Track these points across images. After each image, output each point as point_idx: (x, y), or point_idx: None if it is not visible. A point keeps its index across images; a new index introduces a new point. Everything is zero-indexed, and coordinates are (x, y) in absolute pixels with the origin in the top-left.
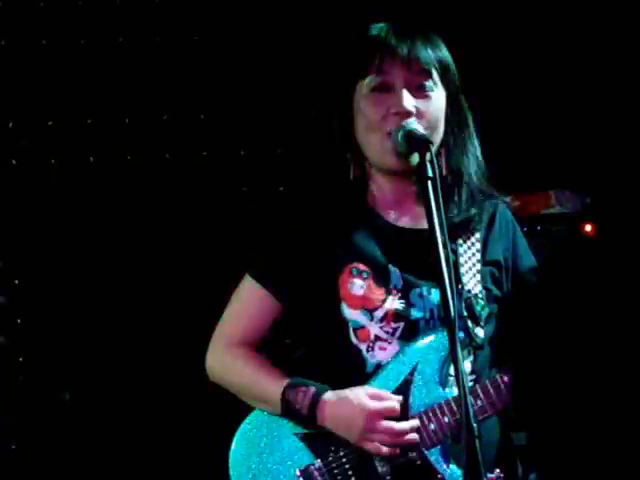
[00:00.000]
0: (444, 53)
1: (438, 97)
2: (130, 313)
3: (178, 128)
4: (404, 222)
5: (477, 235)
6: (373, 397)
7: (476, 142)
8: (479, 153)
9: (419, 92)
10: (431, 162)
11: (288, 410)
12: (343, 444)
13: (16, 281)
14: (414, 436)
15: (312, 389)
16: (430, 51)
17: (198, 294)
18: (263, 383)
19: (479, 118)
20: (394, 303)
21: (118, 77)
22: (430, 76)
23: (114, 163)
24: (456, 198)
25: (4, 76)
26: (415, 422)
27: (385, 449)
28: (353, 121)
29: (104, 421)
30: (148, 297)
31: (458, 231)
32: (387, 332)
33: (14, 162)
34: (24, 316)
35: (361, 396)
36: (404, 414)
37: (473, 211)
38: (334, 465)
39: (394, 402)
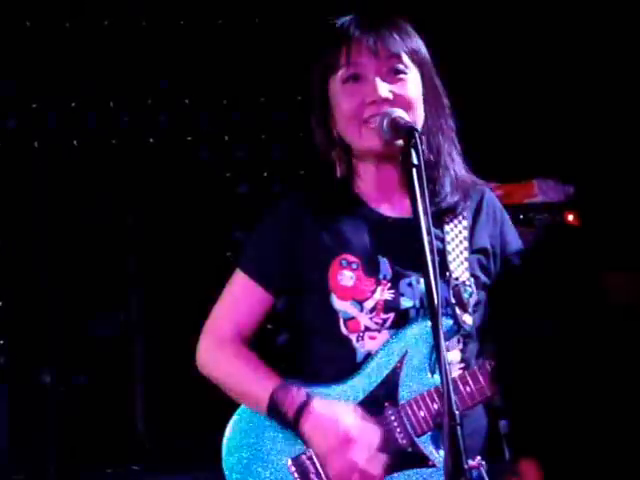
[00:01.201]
0: (412, 37)
1: (413, 79)
2: (113, 297)
3: (162, 112)
4: (391, 212)
5: (464, 223)
6: (357, 423)
7: (453, 125)
8: (455, 136)
9: (392, 76)
10: (416, 149)
11: (274, 412)
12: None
13: None
14: (377, 476)
15: (302, 393)
16: (397, 37)
17: (187, 282)
18: (251, 383)
19: (463, 108)
20: (384, 294)
21: (103, 61)
22: (400, 59)
23: (99, 147)
24: (438, 182)
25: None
26: (383, 459)
27: (344, 478)
28: (332, 116)
29: (84, 403)
30: (133, 281)
31: (444, 217)
32: (377, 323)
33: None
34: (4, 298)
35: (347, 416)
36: (394, 402)
37: (457, 197)
38: None
39: (375, 435)
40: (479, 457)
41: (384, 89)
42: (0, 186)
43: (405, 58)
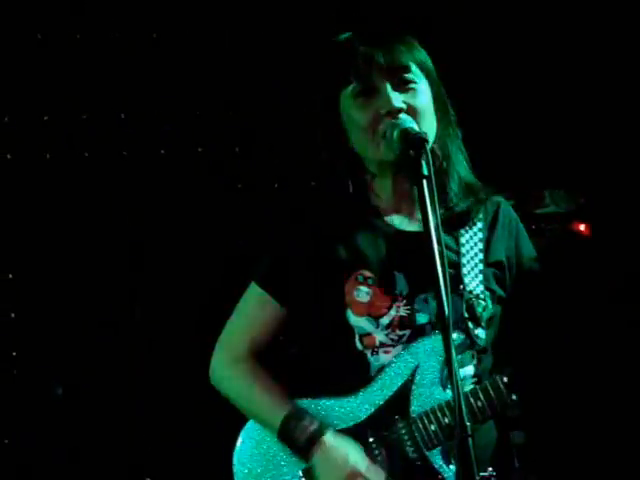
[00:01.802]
0: (418, 49)
1: (423, 89)
2: (124, 308)
3: (173, 124)
4: (407, 225)
5: (480, 235)
6: (369, 466)
7: (459, 133)
8: (462, 145)
9: (403, 87)
10: (426, 160)
11: (285, 438)
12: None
13: (10, 275)
14: None
15: (314, 425)
16: (404, 49)
17: (198, 292)
18: (264, 405)
19: (475, 117)
20: (400, 310)
21: (114, 73)
22: (409, 70)
23: (109, 159)
24: (450, 189)
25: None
26: None
27: None
28: (343, 132)
29: (96, 416)
30: (145, 294)
31: (459, 226)
32: (392, 339)
33: (9, 156)
34: (17, 310)
35: (359, 461)
36: (405, 415)
37: (469, 201)
38: None
39: (380, 476)
40: (490, 468)
41: (397, 99)
42: (11, 199)
43: (414, 68)
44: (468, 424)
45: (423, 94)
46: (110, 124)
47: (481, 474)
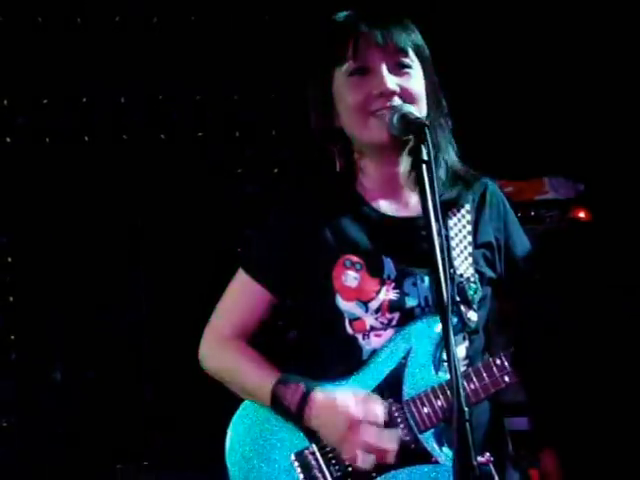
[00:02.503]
0: (416, 34)
1: (417, 74)
2: (121, 294)
3: (174, 109)
4: (393, 211)
5: (468, 217)
6: (359, 402)
7: (449, 121)
8: (451, 134)
9: (398, 70)
10: (426, 145)
11: (277, 405)
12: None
13: (9, 259)
14: (391, 449)
15: (301, 387)
16: (403, 32)
17: (191, 281)
18: (253, 378)
19: (473, 105)
20: (389, 294)
21: (115, 56)
22: (407, 54)
23: (109, 143)
24: (438, 174)
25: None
26: (395, 433)
27: (359, 459)
28: (334, 110)
29: (94, 400)
30: (141, 279)
31: (447, 211)
32: (382, 323)
33: (8, 140)
34: (16, 294)
35: (348, 400)
36: (398, 399)
37: (457, 188)
38: (328, 449)
39: (379, 409)
40: (488, 453)
41: (392, 82)
42: (11, 183)
43: (411, 53)
44: (466, 409)
45: (417, 79)
46: (110, 108)
47: (478, 458)
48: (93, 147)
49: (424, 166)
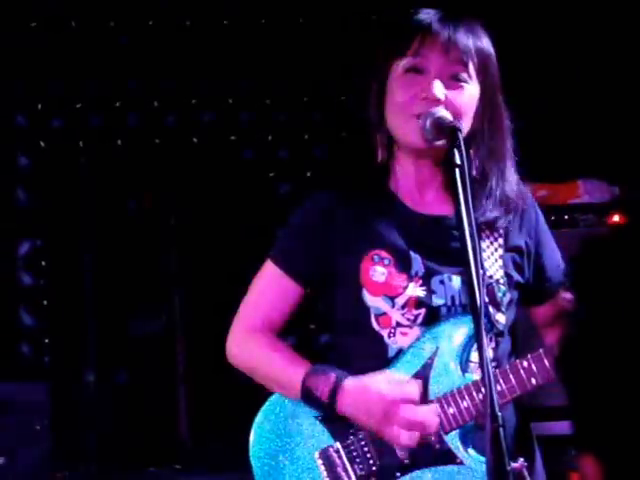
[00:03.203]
0: (485, 45)
1: (471, 90)
2: (154, 296)
3: (207, 113)
4: (425, 208)
5: (500, 231)
6: (392, 383)
7: (509, 145)
8: (511, 158)
9: (452, 82)
10: (459, 149)
11: (308, 396)
12: (362, 427)
13: (43, 263)
14: (433, 422)
15: (332, 376)
16: (471, 40)
17: (221, 277)
18: (283, 368)
19: (508, 106)
20: (415, 290)
21: (148, 61)
22: (466, 68)
23: (142, 147)
24: (478, 200)
25: (34, 59)
26: (434, 407)
27: (403, 437)
28: (385, 101)
29: (128, 403)
30: (171, 279)
31: (481, 229)
32: (408, 319)
33: (42, 144)
34: (50, 298)
35: (380, 383)
36: (424, 398)
37: (497, 212)
38: (353, 447)
39: (413, 387)
40: (522, 459)
41: (440, 89)
42: (46, 186)
43: (471, 68)
44: (499, 414)
45: (468, 95)
46: (145, 113)
47: (512, 464)
48: (125, 150)
49: (457, 170)
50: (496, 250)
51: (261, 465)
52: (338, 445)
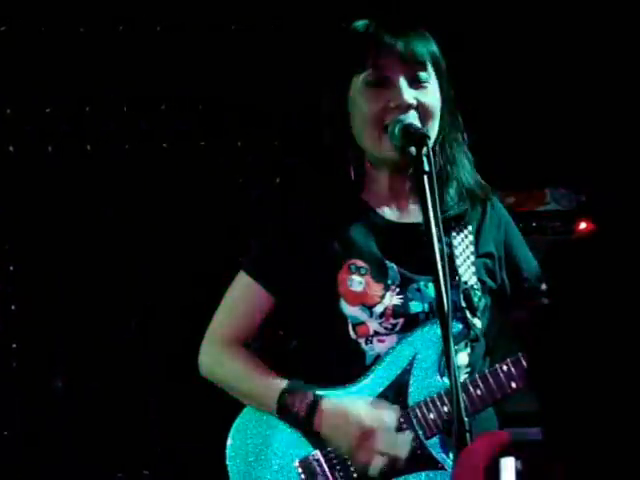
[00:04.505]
0: (435, 47)
1: (433, 89)
2: (123, 303)
3: (176, 118)
4: (399, 217)
5: (469, 227)
6: (371, 410)
7: (465, 137)
8: (467, 149)
9: (416, 84)
10: (427, 156)
11: (284, 412)
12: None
13: (11, 267)
14: (404, 453)
15: (309, 395)
16: (423, 45)
17: (192, 287)
18: (257, 384)
19: (475, 116)
20: (393, 299)
21: (116, 66)
22: (425, 68)
23: (110, 152)
24: (447, 193)
25: (3, 62)
26: (410, 437)
27: (374, 464)
28: (348, 117)
29: (96, 409)
30: (142, 287)
31: (451, 225)
32: (386, 328)
33: (11, 149)
34: (18, 302)
35: (360, 409)
36: (403, 404)
37: (465, 206)
38: (332, 455)
39: (391, 416)
40: None
41: (410, 95)
42: (12, 191)
43: (429, 67)
44: (466, 419)
45: (434, 94)
46: (111, 117)
47: None
48: (95, 155)
49: (425, 177)
50: (467, 247)
51: (238, 472)
52: (318, 453)
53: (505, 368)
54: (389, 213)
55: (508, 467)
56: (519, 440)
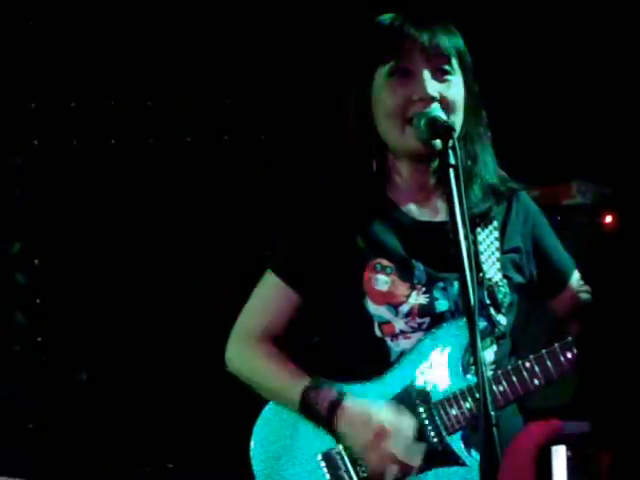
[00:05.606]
0: (460, 41)
1: (457, 82)
2: (149, 296)
3: (200, 112)
4: (425, 216)
5: (494, 223)
6: (392, 416)
7: (489, 132)
8: (490, 145)
9: (439, 77)
10: (453, 149)
11: (307, 409)
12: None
13: (35, 261)
14: (416, 463)
15: (333, 392)
16: (448, 38)
17: (219, 281)
18: (282, 380)
19: (501, 109)
20: (419, 298)
21: (140, 60)
22: (449, 61)
23: (134, 146)
24: (472, 190)
25: (26, 58)
26: (422, 447)
27: (383, 470)
28: (371, 109)
29: (121, 401)
30: (167, 281)
31: (476, 221)
32: (412, 327)
33: (36, 143)
34: (43, 296)
35: (380, 411)
36: (426, 400)
37: (489, 203)
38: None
39: (409, 424)
40: None
41: (433, 87)
42: (36, 187)
43: (453, 60)
44: (493, 413)
45: (457, 87)
46: (136, 112)
47: None
48: (118, 150)
49: (451, 170)
50: (492, 243)
51: (263, 469)
52: (340, 447)
53: (528, 365)
54: (415, 211)
55: (560, 455)
56: (569, 430)
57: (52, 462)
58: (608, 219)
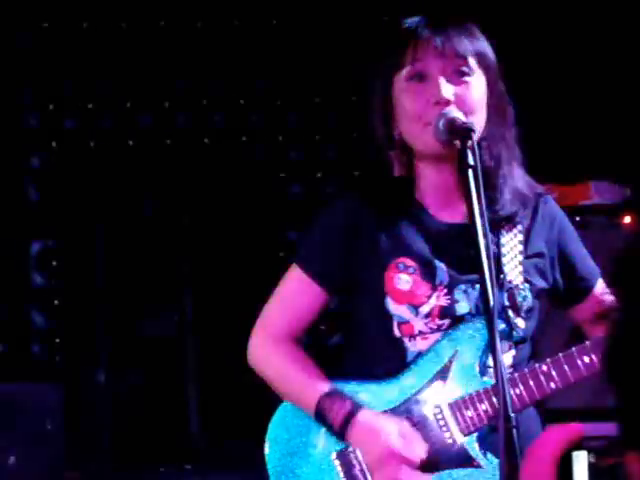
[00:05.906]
0: (480, 41)
1: (477, 82)
2: (167, 297)
3: (218, 113)
4: (449, 217)
5: (519, 227)
6: (403, 438)
7: (515, 134)
8: (517, 145)
9: (456, 78)
10: (472, 149)
11: (321, 417)
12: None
13: (54, 262)
14: None
15: (348, 405)
16: (464, 38)
17: (240, 283)
18: (300, 384)
19: (518, 108)
20: (440, 299)
21: (159, 62)
22: (466, 62)
23: (151, 147)
24: (497, 190)
25: (43, 60)
26: (428, 478)
27: None
28: (394, 115)
29: (138, 403)
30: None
31: (501, 224)
32: (431, 328)
33: (54, 145)
34: (61, 298)
35: (391, 433)
36: (441, 400)
37: (516, 206)
38: None
39: (420, 449)
40: None
41: (448, 90)
42: (57, 186)
43: (471, 61)
44: (512, 415)
45: (476, 88)
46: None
47: None
48: (138, 151)
49: (470, 171)
50: (515, 246)
51: (276, 465)
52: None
53: (545, 368)
54: (440, 212)
55: (581, 460)
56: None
57: (70, 463)
58: (627, 219)
